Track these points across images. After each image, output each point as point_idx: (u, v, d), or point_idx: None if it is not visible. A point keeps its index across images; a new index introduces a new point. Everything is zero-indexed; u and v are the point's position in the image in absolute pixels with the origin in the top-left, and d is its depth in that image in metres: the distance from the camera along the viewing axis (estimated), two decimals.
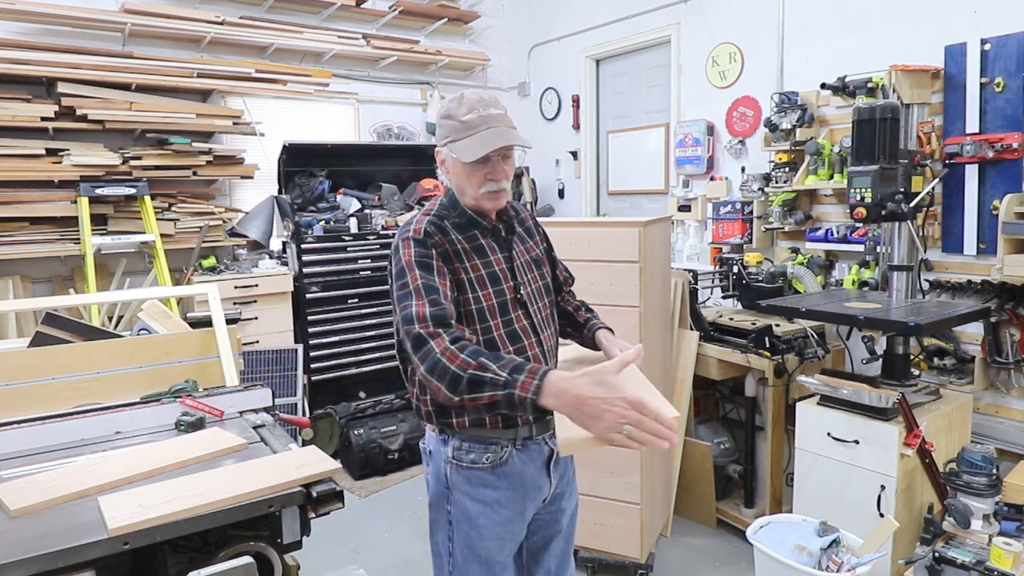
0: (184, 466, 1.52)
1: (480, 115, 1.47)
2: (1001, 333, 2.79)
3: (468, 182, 1.51)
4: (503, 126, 1.49)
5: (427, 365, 1.31)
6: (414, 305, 1.38)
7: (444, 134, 1.52)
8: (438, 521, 1.60)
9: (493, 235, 1.58)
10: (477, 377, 1.26)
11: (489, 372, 1.25)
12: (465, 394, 1.27)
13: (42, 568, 1.12)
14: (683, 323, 3.30)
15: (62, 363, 2.00)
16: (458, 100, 1.51)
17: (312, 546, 1.63)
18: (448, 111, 1.51)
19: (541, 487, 1.60)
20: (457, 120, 1.48)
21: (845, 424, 2.44)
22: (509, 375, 1.24)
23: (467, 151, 1.46)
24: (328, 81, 4.80)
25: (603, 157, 5.18)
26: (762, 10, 3.84)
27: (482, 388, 1.26)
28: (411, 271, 1.43)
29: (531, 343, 1.56)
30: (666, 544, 3.09)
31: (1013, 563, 1.96)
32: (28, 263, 3.88)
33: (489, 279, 1.53)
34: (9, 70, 3.58)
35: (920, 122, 2.94)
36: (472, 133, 1.47)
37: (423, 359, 1.32)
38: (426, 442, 1.62)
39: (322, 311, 4.37)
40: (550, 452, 1.61)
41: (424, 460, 1.64)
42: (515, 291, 1.56)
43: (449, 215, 1.55)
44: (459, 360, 1.28)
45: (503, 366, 1.26)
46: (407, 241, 1.47)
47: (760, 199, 3.74)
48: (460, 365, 1.27)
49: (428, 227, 1.49)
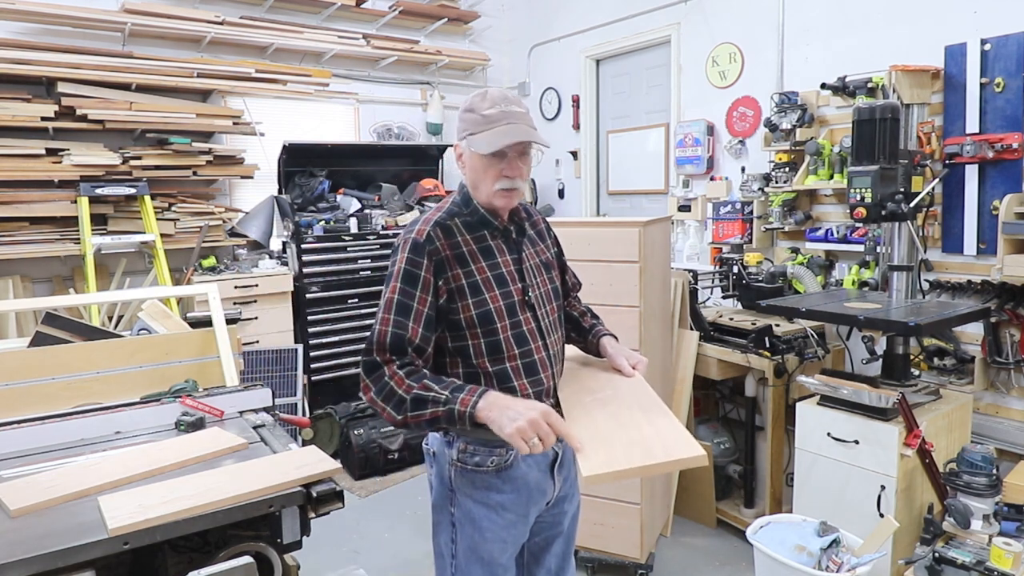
0: (184, 466, 1.52)
1: (502, 110, 1.47)
2: (1001, 333, 2.79)
3: (483, 177, 1.50)
4: (523, 124, 1.48)
5: (376, 389, 1.39)
6: (379, 323, 1.42)
7: (464, 127, 1.50)
8: (441, 523, 1.59)
9: (503, 236, 1.57)
10: (420, 396, 1.35)
11: (431, 392, 1.35)
12: (408, 412, 1.36)
13: (42, 568, 1.12)
14: (683, 323, 3.30)
15: (62, 363, 2.00)
16: (482, 95, 1.50)
17: (312, 546, 1.63)
18: (471, 105, 1.50)
19: (545, 490, 1.60)
20: (479, 114, 1.47)
21: (845, 424, 2.44)
22: (450, 393, 1.35)
23: (485, 143, 1.45)
24: (328, 81, 4.80)
25: (603, 157, 5.18)
26: (762, 10, 3.84)
27: (424, 406, 1.35)
28: (394, 280, 1.44)
29: (538, 346, 1.55)
30: (666, 544, 3.09)
31: (1013, 563, 1.96)
32: (28, 263, 3.89)
33: (496, 281, 1.52)
34: (9, 70, 3.59)
35: (920, 122, 2.94)
36: (491, 127, 1.46)
37: (374, 383, 1.39)
38: (430, 443, 1.61)
39: (322, 311, 4.37)
40: (555, 455, 1.60)
41: (427, 461, 1.63)
42: (523, 293, 1.55)
43: (460, 212, 1.53)
44: (404, 384, 1.37)
45: (445, 386, 1.37)
46: (406, 243, 1.46)
47: (760, 199, 3.74)
48: (405, 388, 1.36)
49: (432, 230, 1.47)
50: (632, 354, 1.69)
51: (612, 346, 1.70)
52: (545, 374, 1.56)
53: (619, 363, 1.65)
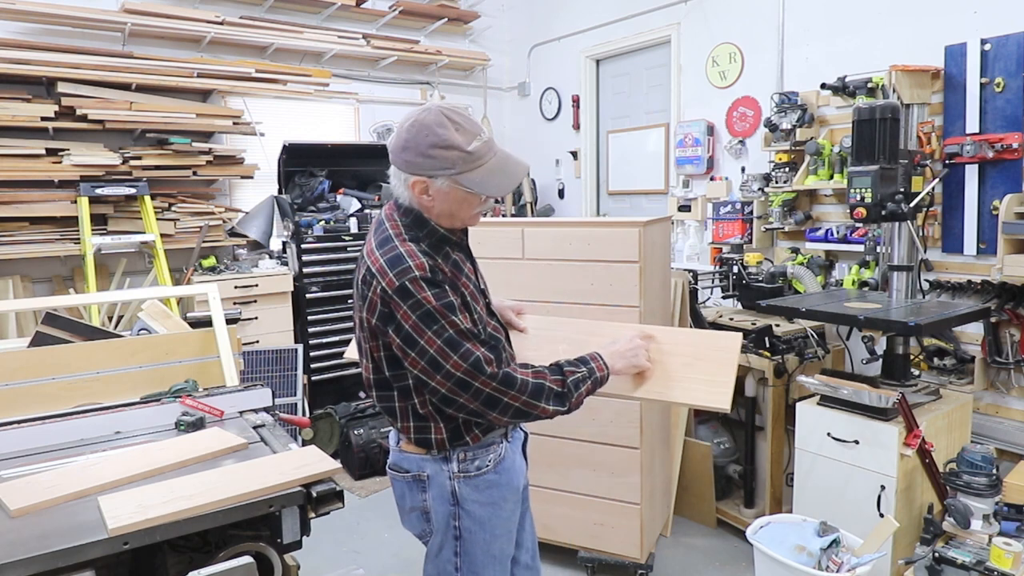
0: (184, 466, 1.52)
1: (483, 142, 1.41)
2: (1001, 333, 2.79)
3: (465, 208, 1.45)
4: (501, 149, 1.45)
5: (531, 393, 1.42)
6: (472, 351, 1.38)
7: (443, 166, 1.38)
8: (444, 543, 1.56)
9: (459, 247, 1.55)
10: (575, 380, 1.48)
11: (576, 373, 1.48)
12: (571, 398, 1.46)
13: (42, 568, 1.13)
14: (683, 323, 3.29)
15: (62, 363, 2.00)
16: (451, 127, 1.38)
17: (312, 546, 1.63)
18: (446, 141, 1.37)
19: (522, 470, 1.68)
20: (462, 151, 1.38)
21: (845, 424, 2.44)
22: (586, 368, 1.50)
23: (488, 185, 1.41)
24: (328, 81, 4.80)
25: (603, 157, 5.18)
26: (762, 10, 3.84)
27: (579, 385, 1.48)
28: (444, 316, 1.37)
29: (505, 341, 1.63)
30: (666, 544, 3.08)
31: (1013, 563, 1.96)
32: (28, 263, 3.88)
33: (477, 292, 1.54)
34: (9, 70, 3.58)
35: (920, 122, 2.94)
36: (481, 163, 1.40)
37: (522, 391, 1.42)
38: (417, 468, 1.54)
39: (322, 311, 4.37)
40: (524, 435, 1.72)
41: (413, 490, 1.56)
42: (484, 295, 1.60)
43: (419, 236, 1.45)
44: (550, 377, 1.45)
45: (574, 364, 1.51)
46: (416, 283, 1.36)
47: (760, 199, 3.74)
48: (554, 381, 1.45)
49: (428, 261, 1.40)
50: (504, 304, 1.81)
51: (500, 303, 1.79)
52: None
53: (509, 318, 1.78)
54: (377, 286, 1.39)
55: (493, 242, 2.76)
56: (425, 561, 1.61)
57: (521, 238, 2.74)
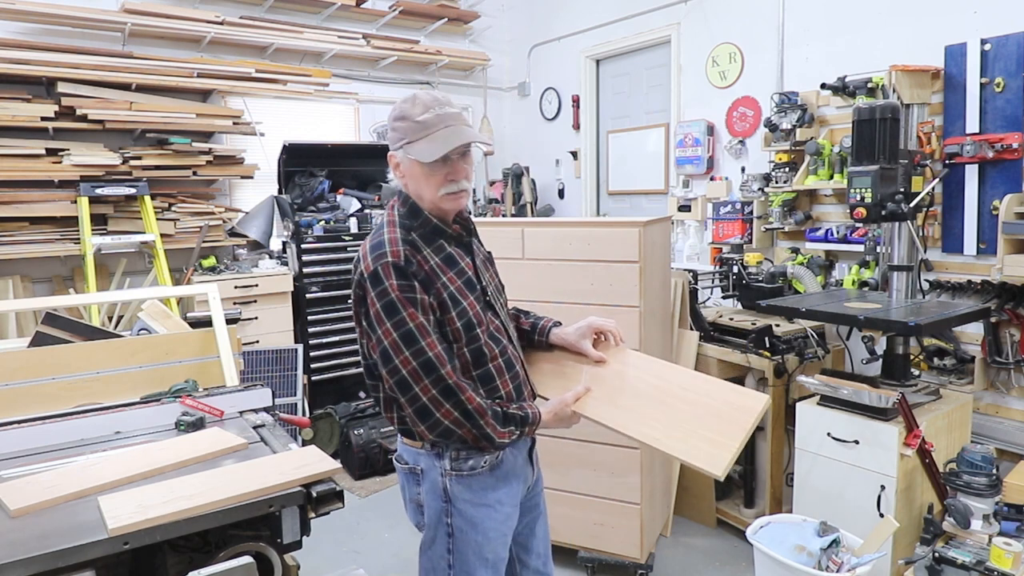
0: (184, 466, 1.52)
1: (436, 114, 1.43)
2: (1001, 333, 2.79)
3: (427, 184, 1.47)
4: (460, 124, 1.46)
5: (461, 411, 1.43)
6: (427, 349, 1.41)
7: (399, 137, 1.46)
8: (436, 537, 1.57)
9: (457, 242, 1.56)
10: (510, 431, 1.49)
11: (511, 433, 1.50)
12: (496, 443, 1.48)
13: (42, 568, 1.12)
14: (683, 323, 3.30)
15: (62, 363, 2.00)
16: (411, 101, 1.46)
17: (312, 546, 1.63)
18: (402, 112, 1.45)
19: (527, 477, 1.66)
20: (412, 121, 1.43)
21: (845, 424, 2.44)
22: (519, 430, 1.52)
23: (426, 151, 1.42)
24: (328, 81, 4.80)
25: (603, 157, 5.18)
26: (762, 10, 3.84)
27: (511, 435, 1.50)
28: (405, 308, 1.41)
29: (507, 342, 1.59)
30: (666, 544, 3.08)
31: (1013, 563, 1.96)
32: (28, 263, 3.88)
33: (467, 287, 1.52)
34: (9, 70, 3.58)
35: (920, 122, 2.94)
36: (429, 133, 1.43)
37: (455, 407, 1.43)
38: (413, 461, 1.57)
39: (322, 311, 4.37)
40: (531, 442, 1.69)
41: (410, 481, 1.59)
42: (484, 293, 1.58)
43: (413, 226, 1.49)
44: (488, 419, 1.45)
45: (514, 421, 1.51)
46: (387, 268, 1.41)
47: (760, 199, 3.74)
48: (490, 425, 1.45)
49: (405, 250, 1.43)
50: (588, 325, 1.70)
51: (565, 332, 1.72)
52: (519, 367, 1.61)
53: (584, 348, 1.68)
54: (357, 269, 1.48)
55: (493, 242, 2.73)
56: (420, 551, 1.63)
57: (521, 238, 2.74)
